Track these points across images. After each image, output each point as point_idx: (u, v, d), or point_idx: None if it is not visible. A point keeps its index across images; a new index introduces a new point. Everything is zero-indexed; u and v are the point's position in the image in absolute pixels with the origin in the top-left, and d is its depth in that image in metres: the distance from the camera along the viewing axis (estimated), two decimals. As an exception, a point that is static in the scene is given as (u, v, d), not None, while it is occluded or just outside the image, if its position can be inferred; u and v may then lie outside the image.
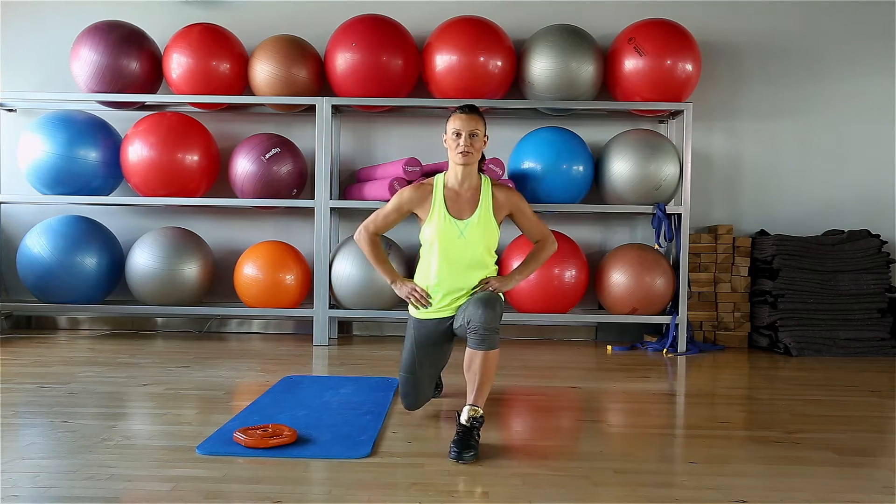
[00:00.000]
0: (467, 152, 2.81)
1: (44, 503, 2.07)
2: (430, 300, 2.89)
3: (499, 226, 2.93)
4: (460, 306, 2.87)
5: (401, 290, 2.96)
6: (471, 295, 2.85)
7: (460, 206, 2.87)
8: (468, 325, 2.71)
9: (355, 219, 5.11)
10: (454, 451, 2.45)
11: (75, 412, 2.96)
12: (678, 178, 4.67)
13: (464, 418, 2.56)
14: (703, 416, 3.17)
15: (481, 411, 2.60)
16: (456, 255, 2.85)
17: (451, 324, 2.90)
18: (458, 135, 2.81)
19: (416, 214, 2.94)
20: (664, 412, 3.28)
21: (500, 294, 2.93)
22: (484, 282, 2.87)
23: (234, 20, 5.03)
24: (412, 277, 3.05)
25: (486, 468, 2.39)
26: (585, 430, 2.90)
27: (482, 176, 2.95)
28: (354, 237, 3.07)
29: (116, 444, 2.57)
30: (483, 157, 2.98)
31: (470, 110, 2.84)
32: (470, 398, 2.64)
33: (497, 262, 3.02)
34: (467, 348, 2.71)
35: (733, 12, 5.10)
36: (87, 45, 4.69)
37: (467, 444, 2.48)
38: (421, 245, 2.97)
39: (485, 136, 2.87)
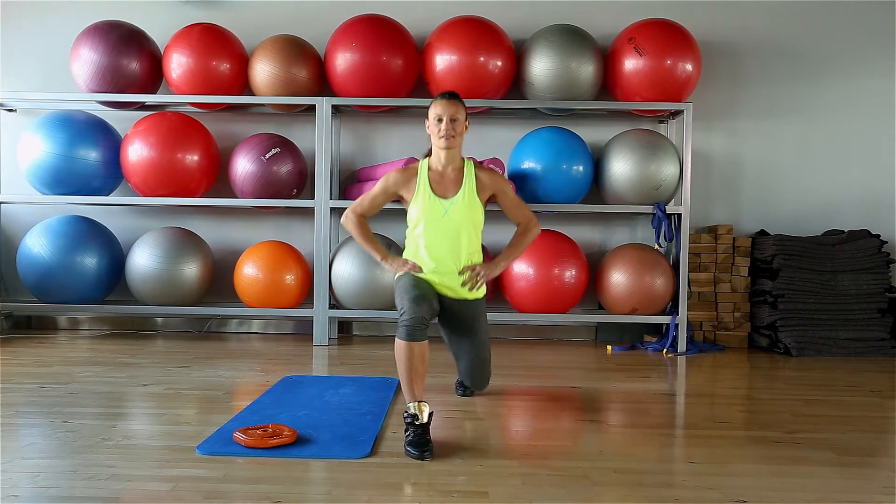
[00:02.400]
0: (450, 136, 2.94)
1: (44, 503, 2.07)
2: (421, 269, 2.99)
3: (483, 206, 3.04)
4: (452, 302, 3.02)
5: (392, 265, 3.05)
6: (460, 286, 3.00)
7: (445, 185, 3.00)
8: (465, 382, 3.24)
9: (355, 219, 5.11)
10: (460, 389, 3.28)
11: (75, 412, 2.96)
12: (678, 178, 4.67)
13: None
14: (703, 416, 3.17)
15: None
16: (441, 234, 2.97)
17: (443, 302, 3.03)
18: (440, 120, 2.94)
19: (402, 197, 3.06)
20: (664, 412, 3.28)
21: (484, 289, 3.11)
22: (470, 268, 2.99)
23: (234, 20, 5.03)
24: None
25: (486, 468, 2.39)
26: (585, 430, 2.90)
27: (465, 159, 3.07)
28: (342, 220, 3.18)
29: (116, 444, 2.57)
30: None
31: (450, 96, 2.97)
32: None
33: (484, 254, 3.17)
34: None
35: (733, 12, 5.10)
36: (87, 45, 4.69)
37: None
38: (407, 227, 3.07)
39: (465, 120, 3.00)
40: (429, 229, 2.97)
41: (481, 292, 3.12)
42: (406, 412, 2.59)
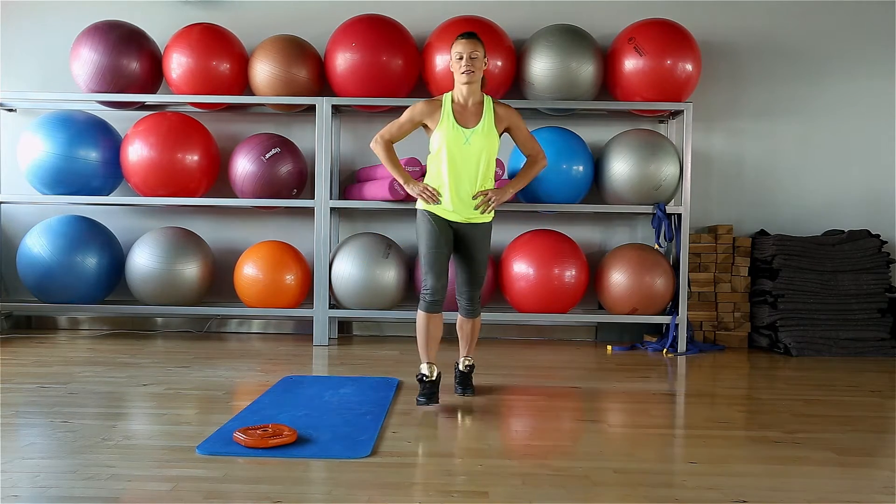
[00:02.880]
0: (470, 71, 3.18)
1: (44, 503, 2.07)
2: (440, 197, 3.23)
3: (499, 137, 3.29)
4: (463, 226, 3.25)
5: (413, 189, 3.29)
6: (472, 210, 3.24)
7: (466, 117, 3.25)
8: (458, 293, 3.36)
9: (355, 219, 5.11)
10: (459, 388, 3.34)
11: (75, 412, 2.96)
12: (678, 178, 4.67)
13: (462, 366, 3.37)
14: (703, 416, 3.17)
15: (473, 360, 3.41)
16: (461, 159, 3.21)
17: (453, 230, 3.27)
18: (461, 57, 3.19)
19: (426, 126, 3.30)
20: (664, 412, 3.28)
21: (492, 214, 3.32)
22: (482, 192, 3.23)
23: (234, 20, 5.03)
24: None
25: (486, 468, 2.39)
26: (585, 430, 2.90)
27: (484, 95, 3.31)
28: (371, 145, 3.40)
29: (116, 444, 2.57)
30: (484, 80, 3.30)
31: (469, 35, 3.22)
32: (463, 352, 3.41)
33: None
34: (459, 315, 3.40)
35: (733, 12, 5.10)
36: (87, 45, 4.69)
37: (467, 384, 3.36)
38: (429, 153, 3.31)
39: (484, 57, 3.23)
40: (451, 154, 3.21)
41: (490, 216, 3.34)
42: (419, 373, 3.14)
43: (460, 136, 3.20)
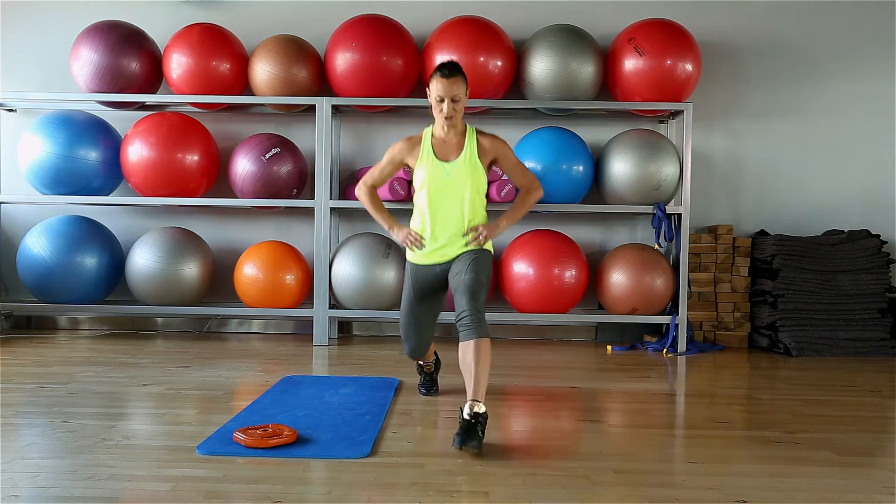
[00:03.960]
0: (450, 117, 2.97)
1: (44, 503, 2.07)
2: (423, 242, 3.05)
3: (486, 171, 3.07)
4: (454, 259, 3.02)
5: (397, 235, 3.13)
6: (463, 243, 3.00)
7: (447, 150, 3.05)
8: (456, 317, 2.84)
9: (355, 219, 5.11)
10: (458, 440, 2.49)
11: (75, 412, 2.96)
12: (678, 178, 4.67)
13: (466, 413, 2.59)
14: (703, 416, 3.17)
15: (483, 406, 2.62)
16: (443, 195, 3.02)
17: (444, 272, 3.05)
18: (442, 100, 2.95)
19: (408, 164, 3.13)
20: (664, 412, 3.28)
21: (490, 248, 3.07)
22: (473, 229, 3.02)
23: (234, 20, 5.03)
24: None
25: (486, 468, 2.39)
26: (585, 430, 2.90)
27: (467, 125, 3.10)
28: (355, 192, 3.27)
29: (116, 444, 2.57)
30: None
31: (450, 72, 2.93)
32: (470, 393, 2.67)
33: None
34: (460, 342, 2.79)
35: (733, 12, 5.10)
36: (87, 45, 4.69)
37: (471, 433, 2.51)
38: (414, 192, 3.12)
39: (466, 92, 2.99)
40: (432, 191, 3.02)
41: (486, 245, 3.07)
42: (418, 367, 3.40)
43: (440, 171, 3.01)
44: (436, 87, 2.95)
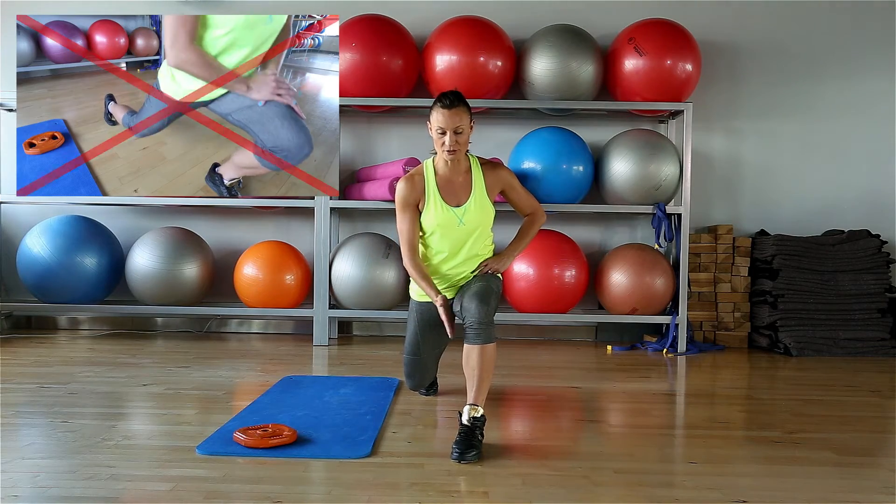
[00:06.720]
0: (453, 150, 2.84)
1: (44, 503, 2.07)
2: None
3: (493, 204, 3.00)
4: (460, 288, 2.98)
5: (437, 301, 2.84)
6: (471, 277, 2.97)
7: (455, 192, 2.93)
8: (464, 320, 2.77)
9: (355, 219, 5.11)
10: (456, 452, 2.43)
11: (75, 412, 2.96)
12: (678, 178, 4.67)
13: (465, 418, 2.56)
14: (703, 416, 3.17)
15: (482, 410, 2.59)
16: (458, 242, 2.95)
17: (449, 305, 2.90)
18: (444, 133, 2.82)
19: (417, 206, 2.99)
20: (664, 412, 3.28)
21: (499, 274, 3.03)
22: (483, 265, 2.98)
23: (234, 20, 5.02)
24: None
25: (486, 468, 2.39)
26: (585, 430, 2.90)
27: (470, 157, 2.99)
28: (405, 266, 2.98)
29: (116, 444, 2.57)
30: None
31: (451, 103, 2.79)
32: (470, 397, 2.64)
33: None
34: (465, 343, 2.73)
35: (733, 12, 5.10)
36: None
37: (469, 443, 2.46)
38: (422, 234, 3.01)
39: (470, 124, 2.85)
40: (445, 239, 2.94)
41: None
42: None
43: (453, 219, 2.90)
44: (437, 119, 2.81)
